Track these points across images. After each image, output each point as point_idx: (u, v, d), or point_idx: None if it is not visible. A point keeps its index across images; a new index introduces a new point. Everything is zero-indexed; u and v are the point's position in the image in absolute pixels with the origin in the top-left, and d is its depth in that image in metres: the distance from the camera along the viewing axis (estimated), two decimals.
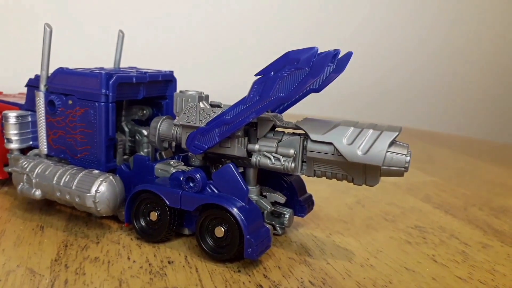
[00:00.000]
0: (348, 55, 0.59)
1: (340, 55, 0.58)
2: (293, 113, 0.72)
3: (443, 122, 2.29)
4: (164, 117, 0.66)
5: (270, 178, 0.66)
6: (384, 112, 2.21)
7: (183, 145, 0.61)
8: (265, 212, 0.63)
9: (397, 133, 0.53)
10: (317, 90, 0.62)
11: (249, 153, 0.60)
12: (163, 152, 0.72)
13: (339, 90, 1.99)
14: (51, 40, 0.67)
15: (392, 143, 0.53)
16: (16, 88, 1.05)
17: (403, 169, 0.52)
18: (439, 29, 2.21)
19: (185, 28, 2.04)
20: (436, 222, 0.77)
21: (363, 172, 0.55)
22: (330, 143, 0.55)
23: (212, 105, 0.61)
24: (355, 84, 2.10)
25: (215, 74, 2.06)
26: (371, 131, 0.54)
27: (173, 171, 0.62)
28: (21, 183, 0.67)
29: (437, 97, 2.31)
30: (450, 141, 1.72)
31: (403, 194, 0.92)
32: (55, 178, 0.64)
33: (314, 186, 0.75)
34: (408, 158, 0.52)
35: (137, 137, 0.72)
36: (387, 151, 0.52)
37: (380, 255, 0.62)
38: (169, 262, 0.56)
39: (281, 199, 0.64)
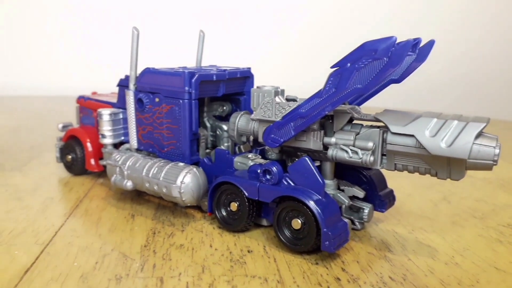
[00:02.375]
0: (430, 43, 0.57)
1: (421, 44, 0.56)
2: (372, 106, 0.70)
3: None
4: (242, 113, 0.68)
5: (348, 172, 0.66)
6: (470, 103, 2.06)
7: (260, 139, 0.63)
8: (343, 206, 0.63)
9: (484, 124, 0.50)
10: (398, 80, 0.60)
11: (325, 147, 0.60)
12: (241, 146, 0.74)
13: (422, 81, 1.89)
14: (138, 42, 0.72)
15: (479, 135, 0.49)
16: (109, 88, 1.14)
17: (491, 162, 0.49)
18: None
19: (261, 26, 2.06)
20: None
21: (448, 166, 0.52)
22: (412, 136, 0.53)
23: (287, 99, 0.62)
24: (438, 74, 1.99)
25: (291, 69, 2.06)
26: (455, 122, 0.51)
27: (251, 164, 0.64)
28: (114, 175, 0.73)
29: None
30: None
31: (494, 190, 0.86)
32: (144, 170, 0.69)
33: (396, 181, 0.73)
34: (497, 151, 0.49)
35: (218, 132, 0.75)
36: (473, 143, 0.49)
37: (466, 253, 0.59)
38: (248, 251, 0.58)
39: (360, 193, 0.63)
